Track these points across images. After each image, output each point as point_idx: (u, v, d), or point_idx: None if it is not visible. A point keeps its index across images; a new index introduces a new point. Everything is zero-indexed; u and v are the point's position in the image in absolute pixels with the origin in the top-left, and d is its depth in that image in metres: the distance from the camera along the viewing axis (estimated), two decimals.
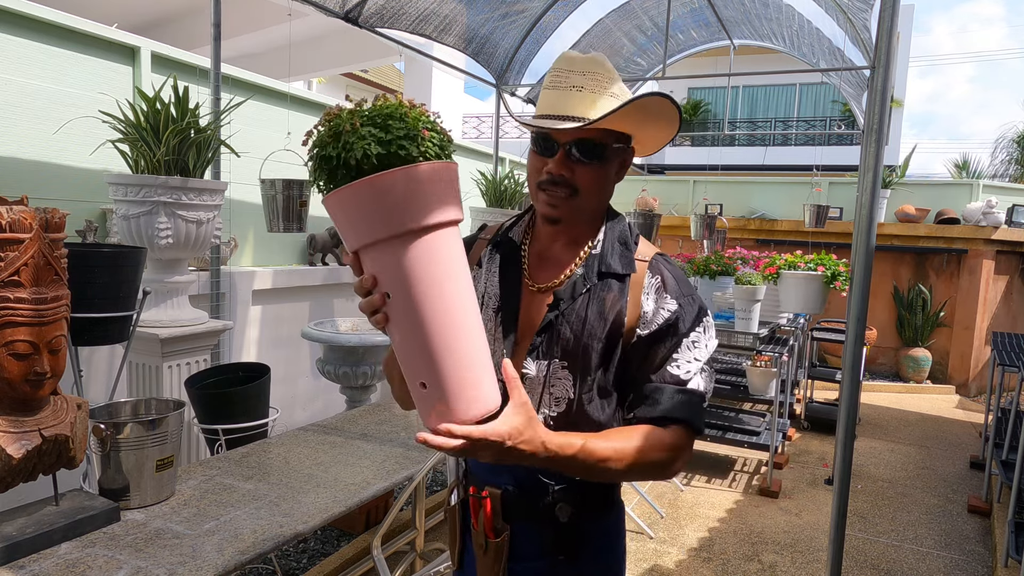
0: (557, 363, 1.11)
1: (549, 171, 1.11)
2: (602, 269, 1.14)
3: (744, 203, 8.56)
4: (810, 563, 3.36)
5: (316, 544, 3.18)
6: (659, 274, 1.15)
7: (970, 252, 7.55)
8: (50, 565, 1.48)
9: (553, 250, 1.20)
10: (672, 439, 1.08)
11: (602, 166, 1.13)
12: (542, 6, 4.55)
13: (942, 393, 7.54)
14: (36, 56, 2.85)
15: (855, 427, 2.47)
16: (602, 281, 1.14)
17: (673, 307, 1.12)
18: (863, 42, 4.19)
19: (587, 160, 1.10)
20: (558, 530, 1.14)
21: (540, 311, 1.14)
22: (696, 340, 1.12)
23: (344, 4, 3.62)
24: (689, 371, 1.11)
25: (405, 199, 0.86)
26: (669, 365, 1.10)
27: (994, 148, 14.25)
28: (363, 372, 3.37)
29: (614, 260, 1.15)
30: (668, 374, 1.10)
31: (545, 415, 1.11)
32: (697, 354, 1.12)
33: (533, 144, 1.15)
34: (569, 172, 1.10)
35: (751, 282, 4.47)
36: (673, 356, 1.11)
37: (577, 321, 1.11)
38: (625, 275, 1.14)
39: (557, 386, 1.12)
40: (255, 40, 8.18)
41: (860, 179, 2.41)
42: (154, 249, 2.45)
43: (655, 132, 1.16)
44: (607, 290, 1.13)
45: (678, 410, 1.08)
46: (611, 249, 1.17)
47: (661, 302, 1.12)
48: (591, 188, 1.13)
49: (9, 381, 1.47)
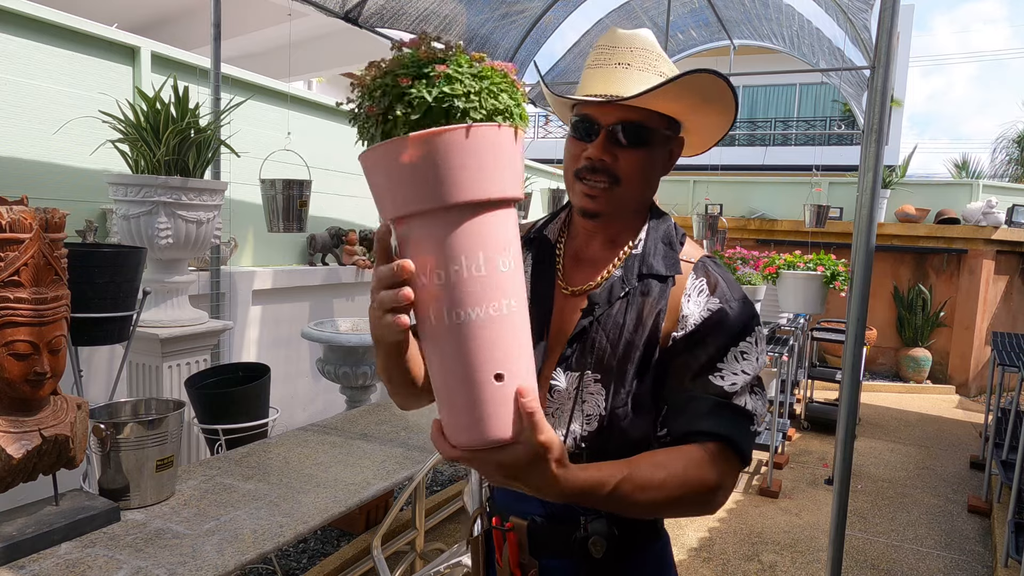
0: (590, 375, 0.98)
1: (589, 156, 0.99)
2: (643, 270, 1.02)
3: (744, 203, 8.57)
4: (810, 563, 3.36)
5: (316, 544, 3.18)
6: (704, 276, 1.02)
7: (970, 252, 7.55)
8: (50, 565, 1.48)
9: (590, 250, 1.08)
10: (714, 460, 0.91)
11: (648, 153, 1.00)
12: (542, 6, 4.55)
13: (942, 393, 7.54)
14: (36, 56, 2.85)
15: (855, 427, 2.47)
16: (642, 283, 1.01)
17: (716, 306, 0.98)
18: (863, 42, 4.19)
19: (631, 145, 0.98)
20: (593, 567, 1.00)
21: (573, 316, 1.03)
22: (746, 351, 0.97)
23: (344, 4, 3.62)
24: (735, 383, 0.95)
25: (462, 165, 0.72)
26: (712, 375, 0.95)
27: (994, 148, 14.26)
28: (363, 372, 3.37)
29: (656, 260, 1.02)
30: (711, 384, 0.95)
31: (576, 433, 0.98)
32: (746, 367, 0.96)
33: (572, 130, 1.03)
34: (611, 158, 0.98)
35: (751, 282, 4.47)
36: (717, 365, 0.95)
37: (614, 328, 0.99)
38: (667, 276, 1.01)
39: (589, 401, 0.98)
40: (255, 40, 8.18)
41: (860, 179, 2.41)
42: (154, 249, 2.45)
43: (708, 120, 1.04)
44: (647, 293, 1.00)
45: (721, 425, 0.92)
46: (653, 249, 1.04)
47: (703, 303, 0.99)
48: (634, 177, 1.00)
49: (9, 381, 1.47)
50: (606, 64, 1.00)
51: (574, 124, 1.02)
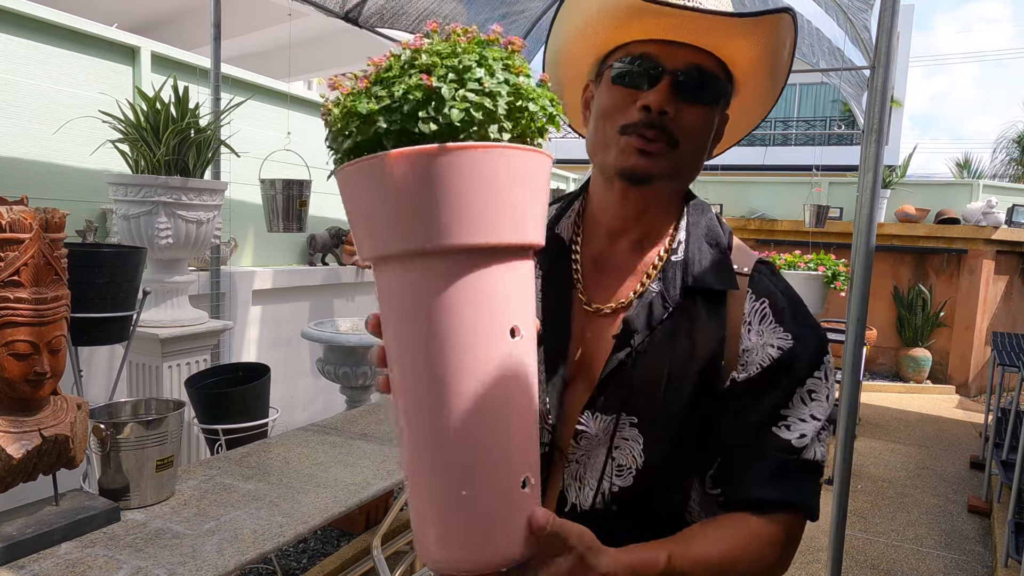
0: (625, 418, 0.80)
1: (647, 104, 0.77)
2: (688, 283, 0.82)
3: (744, 203, 8.56)
4: (810, 563, 3.36)
5: (316, 544, 3.18)
6: (767, 296, 0.83)
7: (970, 252, 7.55)
8: (50, 565, 1.47)
9: (616, 254, 0.87)
10: (779, 531, 0.77)
11: (711, 113, 0.82)
12: (542, 6, 4.55)
13: (942, 393, 7.54)
14: (36, 56, 2.85)
15: (855, 427, 2.47)
16: (689, 299, 0.82)
17: (787, 343, 0.80)
18: (863, 42, 4.19)
19: (699, 99, 0.80)
20: None
21: (600, 343, 0.83)
22: (814, 390, 0.81)
23: (344, 4, 3.62)
24: (804, 433, 0.79)
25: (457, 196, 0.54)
26: (776, 426, 0.79)
27: (994, 148, 14.27)
28: (363, 372, 3.37)
29: (705, 270, 0.83)
30: (775, 438, 0.79)
31: (607, 489, 0.81)
32: (816, 410, 0.80)
33: (616, 77, 0.81)
34: (676, 110, 0.78)
35: None
36: (782, 412, 0.80)
37: (657, 363, 0.80)
38: (721, 291, 0.82)
39: (623, 448, 0.80)
40: (255, 40, 8.17)
41: (860, 179, 2.41)
42: (154, 249, 2.45)
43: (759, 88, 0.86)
44: (697, 315, 0.81)
45: (788, 491, 0.78)
46: (698, 252, 0.84)
47: (768, 335, 0.81)
48: (698, 142, 0.82)
49: (9, 381, 1.47)
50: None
51: (621, 71, 0.81)
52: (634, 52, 0.80)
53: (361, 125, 0.55)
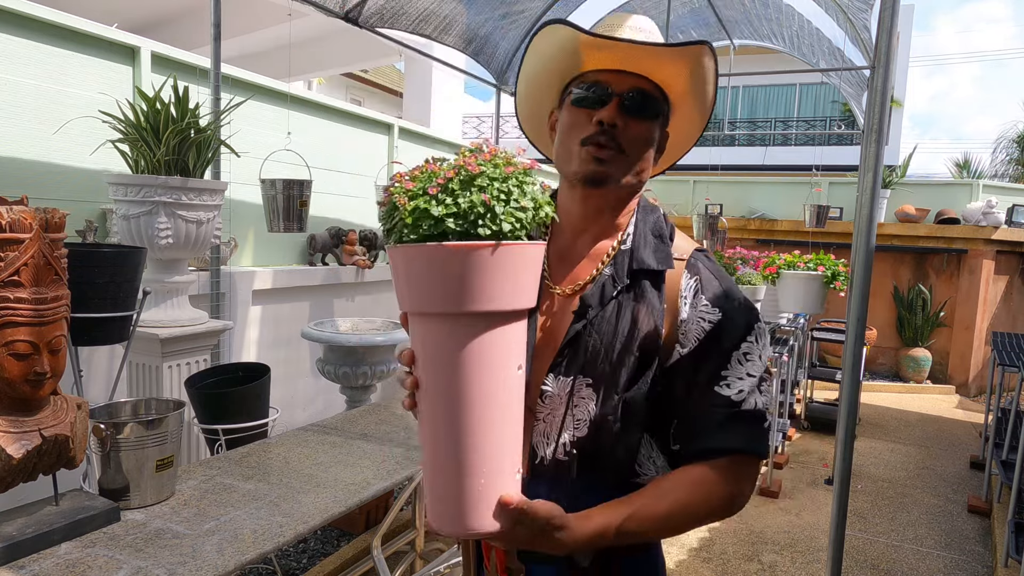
0: (582, 379, 0.97)
1: (601, 119, 0.97)
2: (634, 266, 1.00)
3: (744, 203, 8.57)
4: (810, 563, 3.36)
5: (316, 544, 3.18)
6: (698, 275, 1.01)
7: (970, 252, 7.55)
8: (50, 565, 1.48)
9: (577, 247, 1.06)
10: (731, 473, 0.94)
11: (652, 127, 1.01)
12: (542, 6, 4.55)
13: (942, 393, 7.54)
14: (36, 56, 2.85)
15: (855, 427, 2.46)
16: (634, 281, 1.00)
17: (716, 316, 0.97)
18: (863, 42, 4.19)
19: (641, 115, 0.99)
20: (580, 574, 0.99)
21: (563, 319, 1.01)
22: (748, 352, 0.97)
23: (344, 4, 3.62)
24: (742, 390, 0.95)
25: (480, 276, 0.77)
26: (717, 385, 0.96)
27: (994, 148, 14.26)
28: (363, 372, 3.37)
29: (647, 254, 1.01)
30: (718, 396, 0.95)
31: (567, 440, 0.98)
32: (750, 368, 0.97)
33: (579, 100, 1.01)
34: (623, 124, 0.98)
35: (751, 282, 4.47)
36: (721, 374, 0.96)
37: (607, 332, 0.97)
38: (660, 271, 1.00)
39: (580, 406, 0.97)
40: (255, 40, 8.18)
41: (860, 179, 2.42)
42: (154, 249, 2.45)
43: (690, 112, 1.06)
44: (641, 293, 0.99)
45: (734, 439, 0.94)
46: (643, 242, 1.02)
47: (699, 309, 0.98)
48: (642, 150, 1.00)
49: (9, 381, 1.47)
50: (615, 27, 0.99)
51: (579, 96, 1.00)
52: (589, 80, 1.00)
53: (434, 224, 0.76)
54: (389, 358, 3.50)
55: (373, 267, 4.65)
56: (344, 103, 4.87)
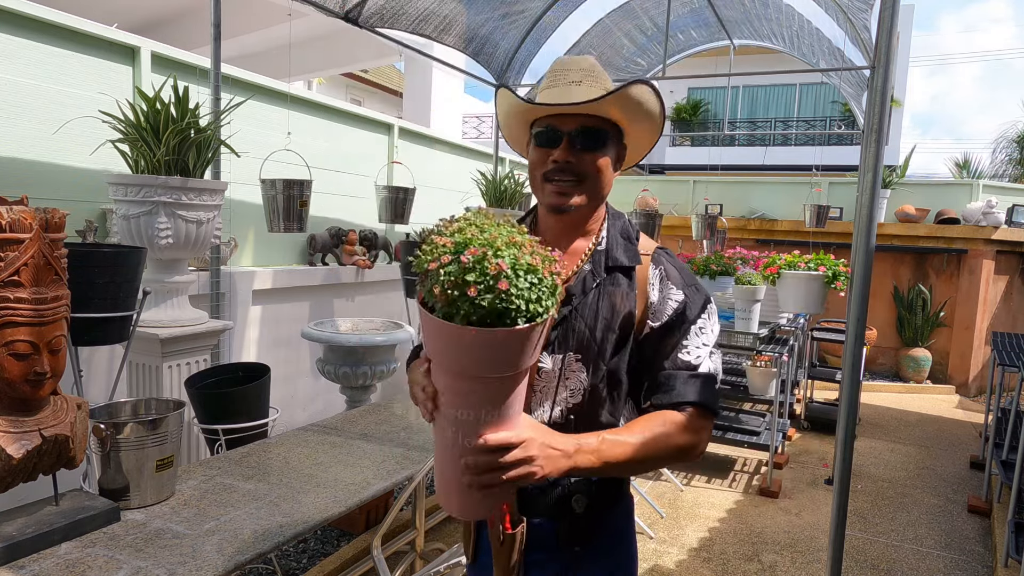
0: (571, 356, 1.16)
1: (555, 159, 1.16)
2: (609, 263, 1.21)
3: (744, 203, 8.56)
4: (810, 563, 3.36)
5: (316, 544, 3.18)
6: (662, 266, 1.23)
7: (970, 252, 7.55)
8: (50, 565, 1.48)
9: (559, 248, 1.22)
10: (691, 421, 1.14)
11: (604, 153, 1.18)
12: (542, 6, 4.55)
13: (942, 393, 7.54)
14: (36, 56, 2.85)
15: (855, 427, 2.46)
16: (610, 275, 1.20)
17: (680, 297, 1.20)
18: (863, 42, 4.19)
19: (589, 147, 1.16)
20: (574, 521, 1.19)
21: None
22: (703, 326, 1.20)
23: (344, 4, 3.62)
24: (699, 356, 1.18)
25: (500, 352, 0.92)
26: (679, 352, 1.17)
27: (994, 148, 14.25)
28: (363, 372, 3.37)
29: (619, 254, 1.21)
30: (679, 360, 1.17)
31: (562, 408, 1.17)
32: (705, 339, 1.19)
33: (536, 140, 1.20)
34: (575, 158, 1.16)
35: (751, 282, 4.47)
36: (683, 343, 1.18)
37: (590, 315, 1.17)
38: (631, 267, 1.21)
39: (571, 378, 1.17)
40: (255, 40, 8.18)
41: (860, 179, 2.42)
42: (154, 249, 2.45)
43: (642, 128, 1.22)
44: (616, 284, 1.19)
45: (693, 393, 1.15)
46: (615, 243, 1.23)
47: (667, 292, 1.20)
48: (596, 175, 1.17)
49: (9, 381, 1.47)
50: (560, 84, 1.18)
51: (538, 135, 1.19)
52: (543, 124, 1.19)
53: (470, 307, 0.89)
54: (389, 358, 3.50)
55: (373, 267, 4.65)
56: (344, 103, 4.87)
